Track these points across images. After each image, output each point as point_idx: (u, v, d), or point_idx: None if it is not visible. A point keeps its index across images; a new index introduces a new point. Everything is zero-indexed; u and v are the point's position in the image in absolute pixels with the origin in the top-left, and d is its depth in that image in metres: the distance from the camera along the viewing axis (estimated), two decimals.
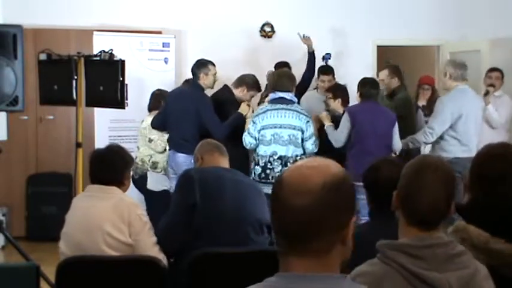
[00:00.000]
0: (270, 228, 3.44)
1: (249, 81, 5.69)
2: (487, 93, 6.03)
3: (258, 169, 5.03)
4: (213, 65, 5.53)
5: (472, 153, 5.31)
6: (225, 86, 5.78)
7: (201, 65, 5.51)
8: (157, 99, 5.80)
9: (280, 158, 4.99)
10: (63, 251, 3.11)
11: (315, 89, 6.55)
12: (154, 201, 5.42)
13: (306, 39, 6.52)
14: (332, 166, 1.41)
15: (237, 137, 5.26)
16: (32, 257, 4.52)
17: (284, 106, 5.01)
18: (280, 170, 4.95)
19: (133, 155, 3.56)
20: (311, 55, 6.49)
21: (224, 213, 3.25)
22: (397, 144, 5.16)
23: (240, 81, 5.73)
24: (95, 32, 6.44)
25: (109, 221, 3.05)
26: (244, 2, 7.33)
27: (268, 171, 5.00)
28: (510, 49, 7.21)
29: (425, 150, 5.93)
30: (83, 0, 6.97)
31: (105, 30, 6.63)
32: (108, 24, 6.89)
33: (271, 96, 5.11)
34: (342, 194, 1.38)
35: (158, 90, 5.96)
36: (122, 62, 4.81)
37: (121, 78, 4.77)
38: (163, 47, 6.72)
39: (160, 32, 6.98)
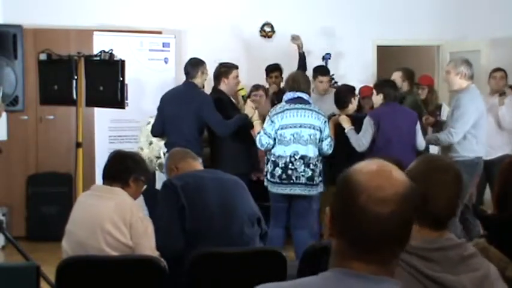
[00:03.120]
0: (259, 220, 3.46)
1: None
2: (503, 94, 6.00)
3: (278, 170, 4.93)
4: (205, 63, 5.49)
5: (485, 153, 5.38)
6: (214, 87, 5.69)
7: (198, 63, 5.45)
8: None
9: (302, 157, 4.92)
10: (65, 249, 3.12)
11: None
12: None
13: (295, 39, 6.50)
14: (402, 173, 1.39)
15: (237, 135, 5.28)
16: (32, 257, 4.51)
17: (303, 106, 4.97)
18: (304, 170, 4.91)
19: None
20: (301, 56, 6.49)
21: (213, 213, 3.27)
22: (421, 142, 5.13)
23: None
24: (95, 32, 6.44)
25: (110, 220, 3.05)
26: (244, 2, 7.33)
27: (290, 171, 4.91)
28: (510, 49, 7.21)
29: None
30: (83, 0, 6.97)
31: (105, 30, 6.63)
32: (108, 24, 6.89)
33: (289, 95, 5.04)
34: (414, 204, 1.37)
35: None
36: (122, 62, 4.81)
37: (121, 78, 4.77)
38: (163, 47, 6.71)
39: (160, 32, 6.98)
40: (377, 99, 5.18)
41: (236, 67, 5.60)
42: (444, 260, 1.80)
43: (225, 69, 5.54)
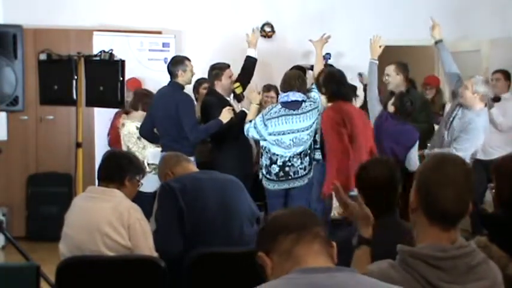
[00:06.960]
0: (259, 220, 3.45)
1: None
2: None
3: (276, 168, 4.98)
4: (189, 60, 5.35)
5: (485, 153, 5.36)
6: (209, 88, 5.65)
7: (178, 62, 5.31)
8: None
9: (299, 153, 4.99)
10: (63, 252, 3.10)
11: None
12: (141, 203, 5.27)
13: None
14: None
15: (231, 137, 5.23)
16: (32, 257, 4.51)
17: (297, 111, 4.93)
18: (301, 163, 4.96)
19: None
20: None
21: (212, 214, 3.26)
22: (412, 163, 4.76)
23: None
24: (95, 32, 6.45)
25: (108, 222, 3.03)
26: (244, 2, 7.33)
27: (287, 168, 4.97)
28: (510, 49, 7.20)
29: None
30: (83, 0, 6.97)
31: (105, 30, 6.63)
32: (108, 24, 6.89)
33: (284, 98, 4.98)
34: None
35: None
36: (122, 62, 4.82)
37: (121, 78, 4.78)
38: (163, 47, 6.72)
39: (160, 32, 6.98)
40: (390, 108, 4.99)
41: (228, 66, 5.53)
42: (452, 268, 1.77)
43: (216, 72, 5.47)
